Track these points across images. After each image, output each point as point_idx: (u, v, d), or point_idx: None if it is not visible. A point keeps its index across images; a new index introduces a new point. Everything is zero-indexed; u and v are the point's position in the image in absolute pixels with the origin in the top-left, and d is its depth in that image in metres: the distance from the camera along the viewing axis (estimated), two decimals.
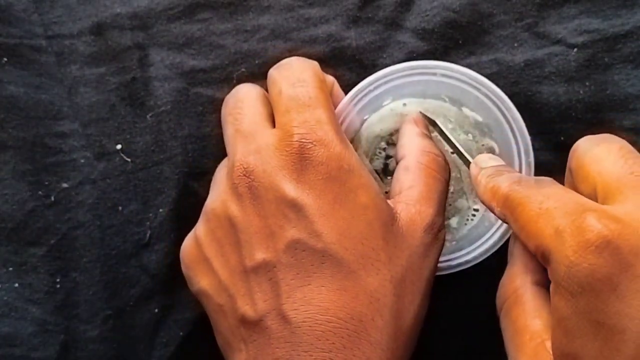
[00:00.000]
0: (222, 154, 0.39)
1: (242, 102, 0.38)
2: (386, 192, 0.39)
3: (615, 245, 0.26)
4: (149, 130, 0.42)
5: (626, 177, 0.29)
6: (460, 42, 0.41)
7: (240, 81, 0.41)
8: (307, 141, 0.34)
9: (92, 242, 0.41)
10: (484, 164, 0.36)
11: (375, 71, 0.39)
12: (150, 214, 0.41)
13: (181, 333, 0.41)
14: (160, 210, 0.41)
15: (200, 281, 0.36)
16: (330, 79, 0.40)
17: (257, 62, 0.42)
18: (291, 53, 0.41)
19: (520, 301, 0.32)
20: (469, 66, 0.40)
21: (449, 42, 0.41)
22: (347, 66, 0.41)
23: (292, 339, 0.32)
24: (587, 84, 0.40)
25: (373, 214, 0.34)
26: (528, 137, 0.37)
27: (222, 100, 0.41)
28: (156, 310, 0.41)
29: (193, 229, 0.38)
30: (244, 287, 0.34)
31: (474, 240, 0.38)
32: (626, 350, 0.26)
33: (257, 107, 0.37)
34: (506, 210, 0.32)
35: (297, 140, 0.34)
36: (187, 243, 0.38)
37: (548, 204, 0.29)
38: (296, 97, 0.36)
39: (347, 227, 0.33)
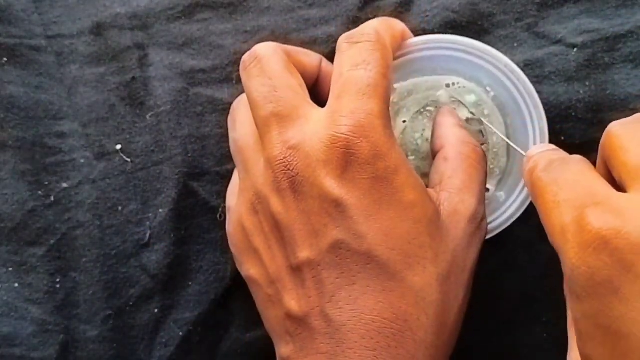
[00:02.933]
0: (222, 153, 0.39)
1: (272, 75, 0.35)
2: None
3: (614, 245, 0.25)
4: (148, 130, 0.42)
5: None
6: None
7: (240, 81, 0.41)
8: (354, 136, 0.33)
9: (92, 242, 0.41)
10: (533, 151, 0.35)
11: None
12: (150, 214, 0.41)
13: (181, 333, 0.41)
14: (160, 210, 0.41)
15: (250, 269, 0.36)
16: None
17: None
18: None
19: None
20: None
21: None
22: None
23: (336, 336, 0.32)
24: (587, 83, 0.40)
25: (420, 211, 0.33)
26: (537, 98, 0.38)
27: (222, 100, 0.41)
28: (156, 311, 0.41)
29: (235, 211, 0.37)
30: (290, 283, 0.34)
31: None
32: (633, 357, 0.25)
33: (289, 81, 0.35)
34: (533, 200, 0.31)
35: (343, 134, 0.33)
36: (235, 228, 0.37)
37: (561, 196, 0.29)
38: (354, 81, 0.34)
39: (394, 227, 0.33)
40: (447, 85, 0.39)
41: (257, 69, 0.36)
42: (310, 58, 0.39)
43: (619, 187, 0.28)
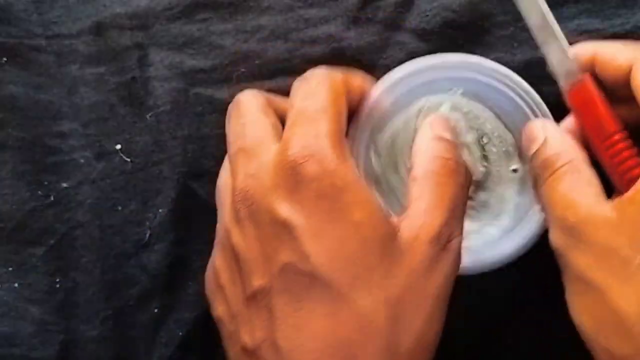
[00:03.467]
0: (222, 154, 0.38)
1: (244, 115, 0.36)
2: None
3: None
4: (148, 130, 0.42)
5: None
6: (460, 42, 0.41)
7: (240, 81, 0.41)
8: (301, 156, 0.32)
9: (92, 242, 0.41)
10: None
11: (375, 72, 0.39)
12: (150, 214, 0.41)
13: (181, 333, 0.41)
14: (160, 210, 0.41)
15: (217, 308, 0.35)
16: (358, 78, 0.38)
17: (256, 62, 0.42)
18: (291, 54, 0.41)
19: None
20: None
21: (449, 42, 0.41)
22: (347, 67, 0.41)
23: None
24: None
25: (368, 231, 0.32)
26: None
27: (222, 100, 0.41)
28: (156, 310, 0.41)
29: (212, 254, 0.37)
30: (246, 315, 0.33)
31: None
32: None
33: (260, 119, 0.36)
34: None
35: (290, 155, 0.32)
36: (208, 269, 0.37)
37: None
38: (303, 110, 0.34)
39: (339, 246, 0.31)
40: (419, 110, 0.39)
41: (235, 112, 0.37)
42: (357, 80, 0.38)
43: None
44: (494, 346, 0.41)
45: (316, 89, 0.35)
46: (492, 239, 0.39)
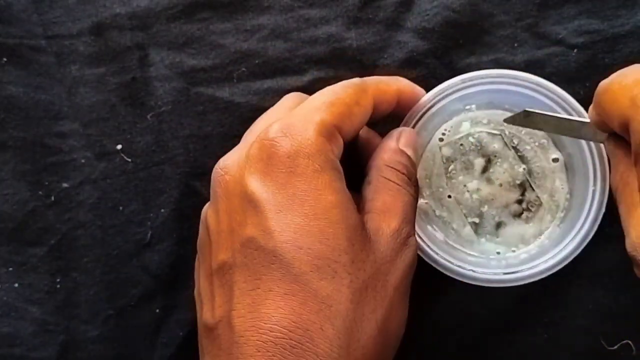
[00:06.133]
0: (224, 152, 0.38)
1: (272, 108, 0.37)
2: None
3: None
4: (149, 130, 0.42)
5: None
6: (460, 42, 0.41)
7: (240, 80, 0.41)
8: (281, 132, 0.32)
9: (93, 242, 0.41)
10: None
11: (376, 72, 0.40)
12: (152, 214, 0.41)
13: (182, 333, 0.41)
14: (162, 210, 0.41)
15: (194, 288, 0.35)
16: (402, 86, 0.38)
17: (257, 61, 0.42)
18: (291, 53, 0.41)
19: (627, 182, 0.30)
20: (469, 66, 0.41)
21: (450, 42, 0.41)
22: (348, 66, 0.41)
23: (233, 350, 0.30)
24: (587, 84, 0.40)
25: (339, 214, 0.31)
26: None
27: (223, 99, 0.41)
28: (157, 311, 0.41)
29: None
30: (209, 293, 0.33)
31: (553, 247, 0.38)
32: None
33: (280, 112, 0.36)
34: (597, 105, 0.31)
35: (272, 131, 0.32)
36: None
37: (627, 80, 0.29)
38: (311, 100, 0.34)
39: (306, 224, 0.31)
40: (441, 140, 0.39)
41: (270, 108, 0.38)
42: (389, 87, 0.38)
43: None
44: (494, 346, 0.41)
45: (337, 89, 0.35)
46: (554, 237, 0.38)
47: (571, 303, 0.40)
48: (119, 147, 0.42)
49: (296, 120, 0.33)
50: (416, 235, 0.36)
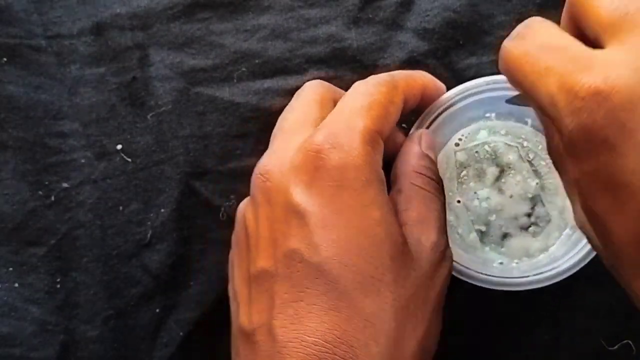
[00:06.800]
0: (224, 152, 0.39)
1: (298, 100, 0.37)
2: None
3: (606, 106, 0.25)
4: (149, 130, 0.42)
5: (621, 18, 0.26)
6: (460, 42, 0.41)
7: (240, 80, 0.42)
8: (327, 143, 0.32)
9: (93, 242, 0.41)
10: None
11: (376, 72, 0.39)
12: (152, 214, 0.41)
13: (182, 333, 0.41)
14: (162, 210, 0.41)
15: (228, 284, 0.35)
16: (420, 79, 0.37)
17: (257, 61, 0.42)
18: (291, 53, 0.41)
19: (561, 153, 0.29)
20: (470, 67, 0.41)
21: (450, 42, 0.41)
22: (348, 66, 0.41)
23: (275, 359, 0.30)
24: None
25: (384, 231, 0.31)
26: None
27: (223, 99, 0.41)
28: (157, 311, 0.41)
29: None
30: (246, 296, 0.33)
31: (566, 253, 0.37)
32: (631, 204, 0.26)
33: (310, 107, 0.35)
34: (511, 80, 0.29)
35: (317, 140, 0.32)
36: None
37: (540, 64, 0.27)
38: (349, 103, 0.34)
39: (352, 241, 0.31)
40: (457, 145, 0.40)
41: (295, 97, 0.37)
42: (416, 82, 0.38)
43: (592, 44, 0.28)
44: (495, 346, 0.41)
45: (371, 89, 0.34)
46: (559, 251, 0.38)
47: (572, 303, 0.40)
48: (119, 147, 0.42)
49: (340, 128, 0.32)
50: None
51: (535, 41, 0.29)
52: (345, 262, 0.30)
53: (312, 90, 0.37)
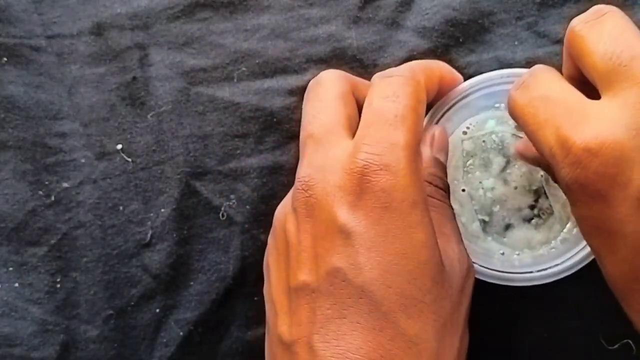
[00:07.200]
0: (224, 152, 0.39)
1: (322, 99, 0.36)
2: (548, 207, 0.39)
3: (598, 161, 0.27)
4: (149, 130, 0.42)
5: (615, 70, 0.29)
6: (460, 40, 0.41)
7: (240, 80, 0.41)
8: (373, 163, 0.31)
9: (93, 242, 0.41)
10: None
11: (376, 71, 0.39)
12: (152, 214, 0.41)
13: (182, 333, 0.41)
14: (162, 210, 0.41)
15: (265, 285, 0.35)
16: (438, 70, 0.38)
17: (257, 61, 0.42)
18: (291, 53, 0.41)
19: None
20: (470, 64, 0.40)
21: (450, 40, 0.41)
22: (348, 66, 0.41)
23: None
24: None
25: (428, 253, 0.31)
26: None
27: (223, 99, 0.41)
28: (157, 311, 0.41)
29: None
30: (285, 306, 0.33)
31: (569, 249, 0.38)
32: (622, 249, 0.28)
33: (335, 107, 0.35)
34: (519, 124, 0.32)
35: (362, 160, 0.31)
36: (268, 244, 0.36)
37: (539, 116, 0.30)
38: (382, 112, 0.32)
39: (396, 263, 0.30)
40: (464, 133, 0.39)
41: (314, 93, 0.36)
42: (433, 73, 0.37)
43: (591, 85, 0.30)
44: (495, 346, 0.41)
45: (398, 91, 0.33)
46: (561, 247, 0.39)
47: (572, 303, 0.40)
48: (119, 147, 0.42)
49: (382, 147, 0.32)
50: None
51: (538, 91, 0.31)
52: (389, 284, 0.30)
53: (331, 86, 0.36)
